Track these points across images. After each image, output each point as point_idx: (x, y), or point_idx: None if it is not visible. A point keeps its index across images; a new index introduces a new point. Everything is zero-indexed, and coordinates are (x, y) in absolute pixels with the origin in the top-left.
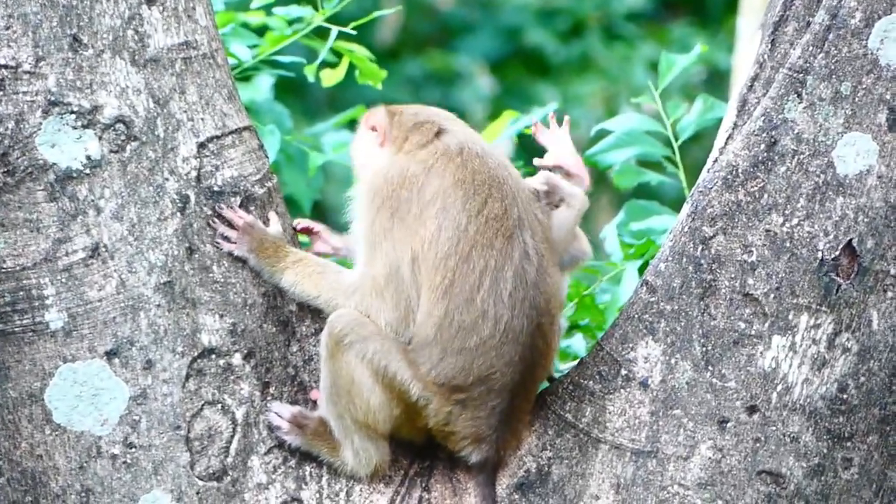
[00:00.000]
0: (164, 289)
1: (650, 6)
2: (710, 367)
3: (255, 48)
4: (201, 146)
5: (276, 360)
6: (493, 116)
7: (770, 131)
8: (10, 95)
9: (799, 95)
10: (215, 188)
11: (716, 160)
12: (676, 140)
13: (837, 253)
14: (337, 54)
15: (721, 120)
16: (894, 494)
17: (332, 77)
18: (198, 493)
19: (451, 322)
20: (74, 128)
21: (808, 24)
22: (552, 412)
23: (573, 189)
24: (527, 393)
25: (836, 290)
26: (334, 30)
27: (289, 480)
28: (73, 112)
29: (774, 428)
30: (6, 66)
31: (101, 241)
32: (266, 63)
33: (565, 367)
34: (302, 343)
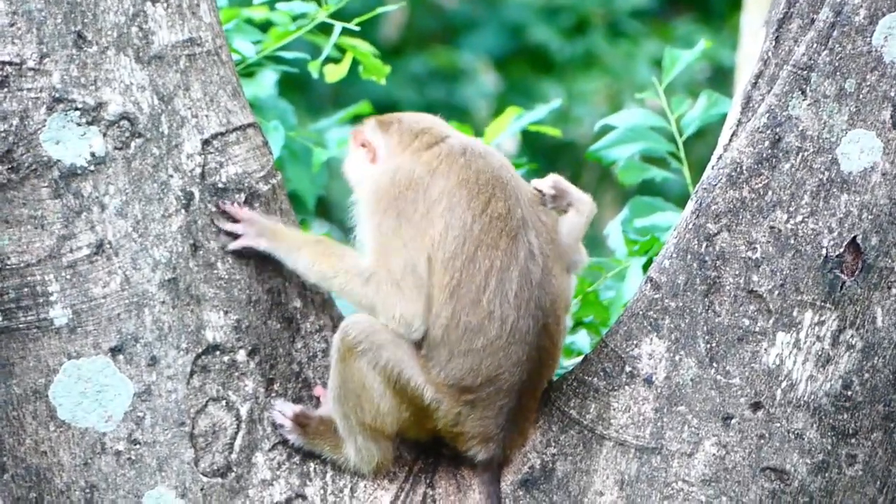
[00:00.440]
0: (168, 285)
1: (654, 3)
2: (714, 364)
3: (259, 44)
4: (205, 143)
5: (281, 357)
6: (497, 113)
7: (774, 128)
8: (15, 92)
9: (803, 92)
10: (220, 185)
11: (720, 157)
12: (681, 136)
13: (842, 250)
14: (341, 50)
15: (725, 116)
16: None
17: (336, 73)
18: (202, 489)
19: (457, 323)
20: (79, 124)
21: (813, 21)
22: (556, 409)
23: (581, 194)
24: (534, 392)
25: (841, 287)
26: (338, 26)
27: (293, 476)
28: (77, 109)
29: (779, 424)
30: (11, 63)
31: (105, 238)
32: (270, 59)
33: (569, 363)
34: (306, 339)
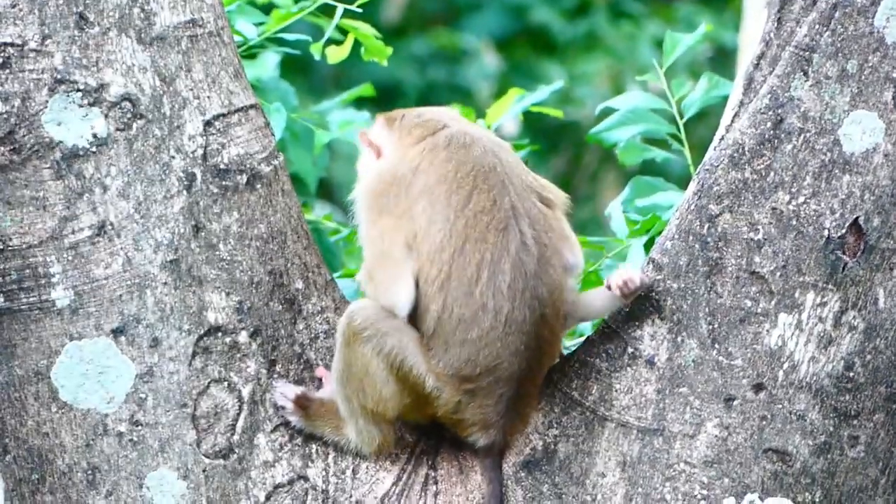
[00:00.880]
0: (170, 267)
1: None
2: (716, 345)
3: (262, 26)
4: (207, 124)
5: (283, 338)
6: (499, 94)
7: (776, 109)
8: (17, 73)
9: (805, 73)
10: (221, 166)
11: (722, 138)
12: (682, 117)
13: (844, 231)
14: (343, 32)
15: (726, 98)
16: None
17: (338, 54)
18: (204, 470)
19: (450, 315)
20: (81, 106)
21: (814, 1)
22: (558, 390)
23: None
24: (534, 379)
25: (843, 268)
26: (340, 7)
27: (295, 458)
28: (79, 90)
29: (781, 406)
30: (12, 45)
31: (107, 219)
32: (271, 41)
33: (571, 344)
34: (308, 321)
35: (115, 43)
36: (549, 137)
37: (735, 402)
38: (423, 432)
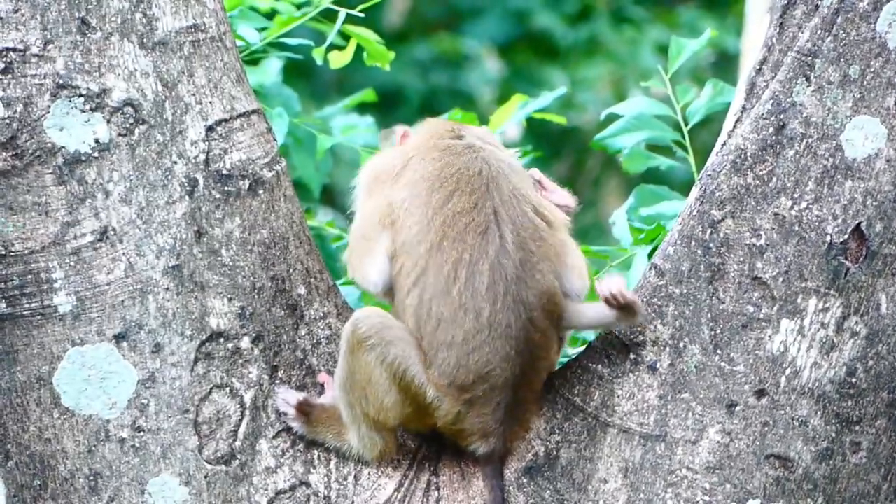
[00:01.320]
0: (172, 272)
1: None
2: (718, 351)
3: (264, 31)
4: (210, 129)
5: (285, 344)
6: (501, 99)
7: (778, 115)
8: (19, 78)
9: (807, 79)
10: (224, 171)
11: (724, 143)
12: (686, 124)
13: (846, 236)
14: (345, 38)
15: (730, 105)
16: None
17: (340, 59)
18: (206, 476)
19: (428, 313)
20: (83, 111)
21: (817, 7)
22: (560, 396)
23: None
24: (530, 385)
25: (845, 274)
26: (342, 12)
27: (297, 464)
28: (81, 95)
29: (783, 412)
30: (14, 50)
31: (109, 225)
32: (274, 46)
33: (574, 351)
34: (310, 327)
35: (118, 48)
36: (552, 143)
37: (737, 408)
38: (424, 438)
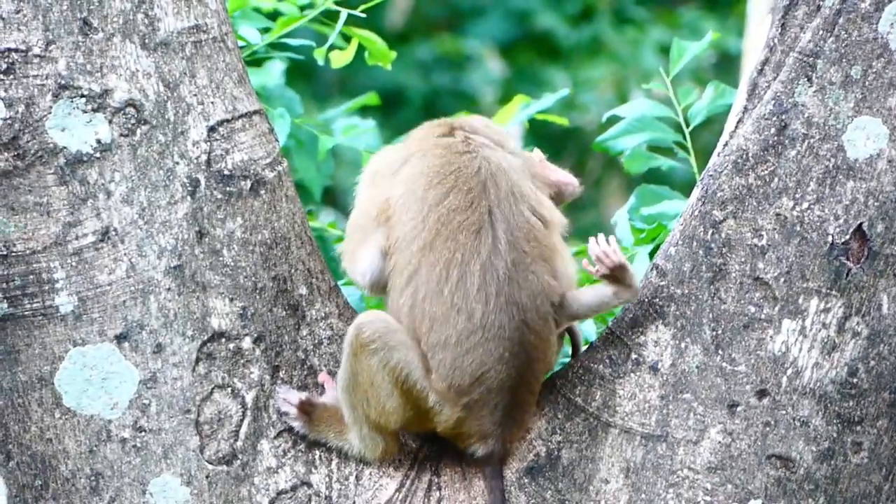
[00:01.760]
0: (174, 272)
1: None
2: (720, 351)
3: (267, 33)
4: (211, 130)
5: (286, 344)
6: (503, 100)
7: (780, 115)
8: (21, 79)
9: (809, 79)
10: (225, 172)
11: (726, 144)
12: (687, 126)
13: (848, 237)
14: (346, 39)
15: (732, 105)
16: None
17: (342, 58)
18: (207, 476)
19: (422, 313)
20: (84, 111)
21: (819, 7)
22: (562, 396)
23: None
24: (528, 387)
25: (847, 274)
26: (344, 12)
27: (298, 464)
28: (83, 96)
29: (784, 412)
30: (16, 50)
31: (111, 225)
32: (275, 47)
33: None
34: (312, 327)
35: (119, 49)
36: (553, 143)
37: (739, 409)
38: (425, 438)
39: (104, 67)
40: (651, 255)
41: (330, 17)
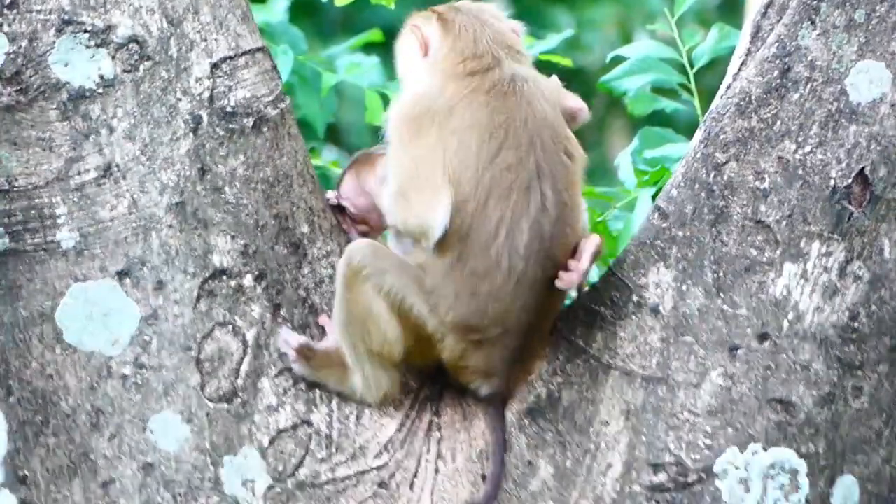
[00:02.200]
0: (175, 209)
1: None
2: (721, 295)
3: None
4: (214, 67)
5: (288, 282)
6: None
7: (783, 58)
8: (24, 14)
9: (812, 22)
10: (228, 109)
11: (729, 86)
12: (691, 67)
13: (850, 181)
14: None
15: (735, 48)
16: None
17: None
18: (207, 414)
19: (463, 267)
20: (88, 47)
21: None
22: (563, 338)
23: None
24: (541, 331)
25: (848, 218)
26: None
27: (299, 403)
28: (86, 31)
29: (785, 356)
30: None
31: (113, 161)
32: None
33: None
34: (313, 265)
35: None
36: None
37: (739, 352)
38: (426, 378)
39: (108, 3)
40: (654, 197)
41: None
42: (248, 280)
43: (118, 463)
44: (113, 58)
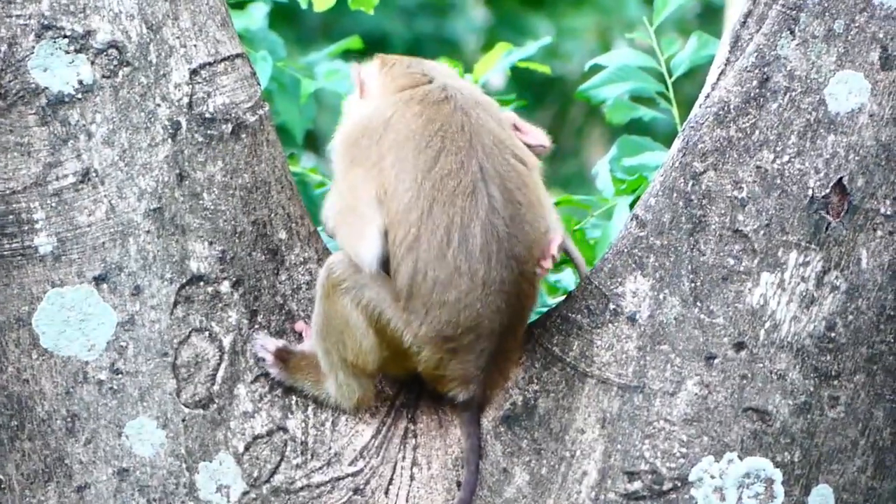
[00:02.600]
0: (153, 215)
1: None
2: (698, 303)
3: None
4: (193, 73)
5: (265, 289)
6: (486, 48)
7: (762, 67)
8: (3, 19)
9: (792, 32)
10: (207, 115)
11: (708, 95)
12: (670, 76)
13: (828, 191)
14: None
15: (714, 56)
16: (880, 434)
17: (325, 1)
18: (183, 420)
19: (424, 277)
20: (67, 52)
21: None
22: (539, 345)
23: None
24: (515, 333)
25: (826, 228)
26: None
27: (275, 409)
28: (65, 36)
29: (761, 365)
30: None
31: (91, 167)
32: None
33: (554, 300)
34: (290, 272)
35: None
36: (536, 92)
37: (716, 361)
38: (402, 385)
39: (87, 8)
40: (632, 205)
41: None
42: (225, 286)
43: (93, 468)
44: (92, 63)
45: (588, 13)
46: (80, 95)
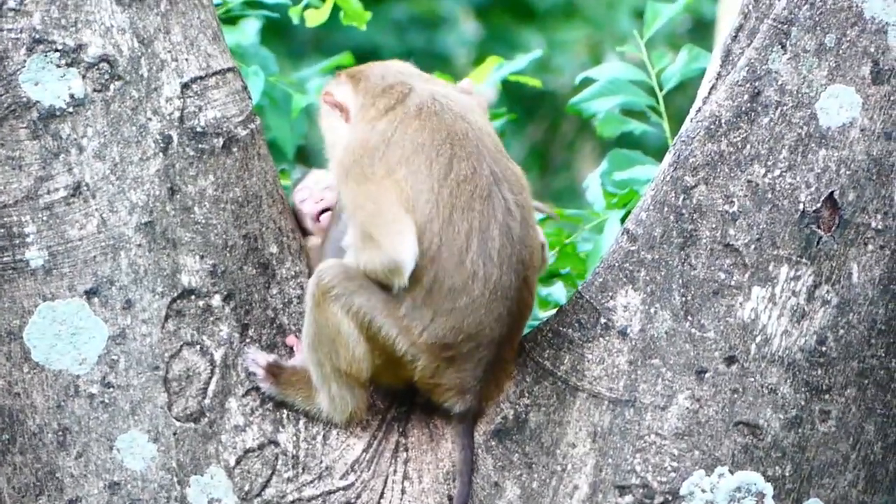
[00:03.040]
0: (144, 229)
1: None
2: (689, 317)
3: None
4: (185, 87)
5: (256, 303)
6: (477, 61)
7: (754, 82)
8: None
9: (783, 46)
10: (198, 129)
11: (699, 110)
12: (661, 90)
13: (819, 205)
14: None
15: (705, 70)
16: (871, 448)
17: (316, 17)
18: (175, 433)
19: (440, 286)
20: (58, 66)
21: None
22: (531, 359)
23: None
24: (512, 342)
25: (817, 243)
26: None
27: (266, 423)
28: (57, 50)
29: (752, 379)
30: None
31: (82, 180)
32: (250, 5)
33: (545, 314)
34: (282, 286)
35: (94, 3)
36: (527, 106)
37: (707, 375)
38: (394, 399)
39: (79, 22)
40: (623, 219)
41: None
42: (216, 300)
43: (84, 482)
44: (84, 77)
45: (579, 27)
46: (71, 109)
